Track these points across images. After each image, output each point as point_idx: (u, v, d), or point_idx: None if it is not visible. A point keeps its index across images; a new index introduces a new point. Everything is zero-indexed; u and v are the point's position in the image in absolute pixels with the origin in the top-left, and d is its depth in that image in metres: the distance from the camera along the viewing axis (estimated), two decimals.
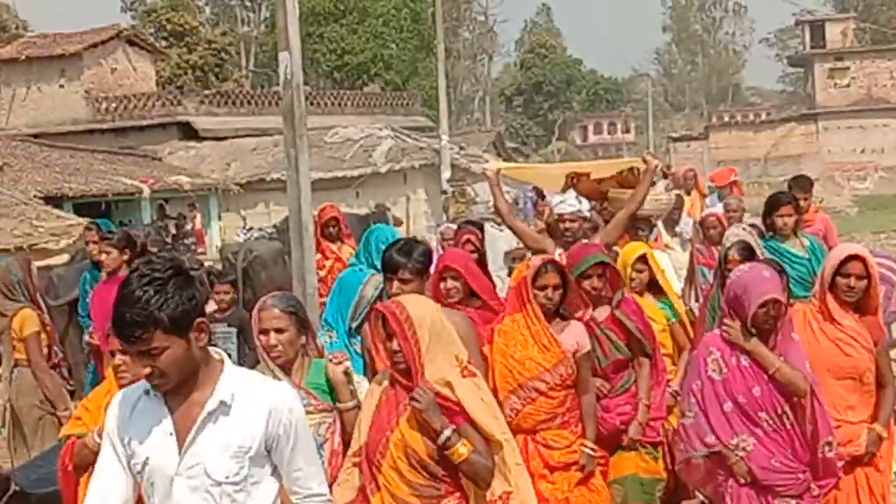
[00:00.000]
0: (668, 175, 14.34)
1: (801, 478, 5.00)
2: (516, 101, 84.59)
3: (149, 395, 3.34)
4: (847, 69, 54.62)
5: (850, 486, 5.38)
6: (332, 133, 30.67)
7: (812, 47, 57.33)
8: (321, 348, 5.27)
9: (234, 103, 35.13)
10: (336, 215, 10.47)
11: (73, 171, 27.04)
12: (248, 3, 65.57)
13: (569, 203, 7.29)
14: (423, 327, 4.04)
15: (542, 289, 5.52)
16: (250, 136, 32.35)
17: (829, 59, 55.27)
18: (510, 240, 11.17)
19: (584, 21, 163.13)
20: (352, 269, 7.39)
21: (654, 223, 9.19)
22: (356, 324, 6.44)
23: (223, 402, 3.29)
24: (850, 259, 5.39)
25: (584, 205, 7.40)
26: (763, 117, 62.19)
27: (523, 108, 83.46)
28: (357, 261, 7.37)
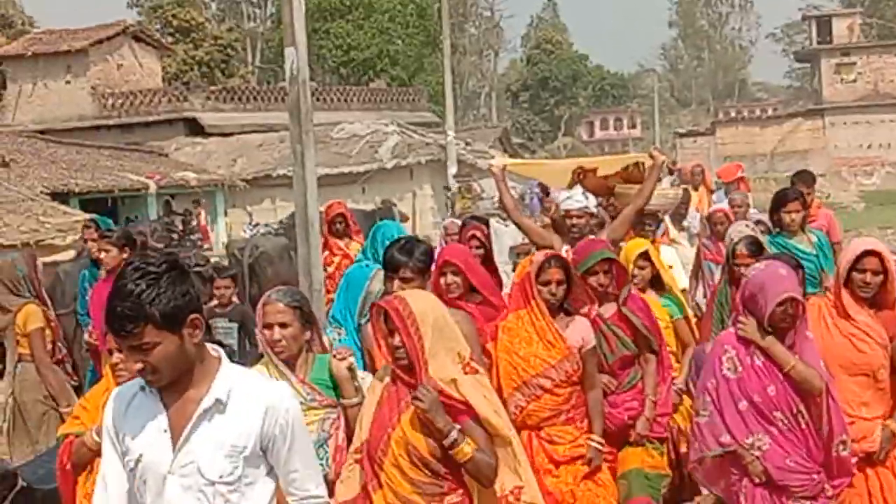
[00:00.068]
0: (673, 171, 14.36)
1: (815, 478, 4.96)
2: (522, 97, 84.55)
3: (145, 392, 3.28)
4: (854, 64, 54.60)
5: (862, 487, 5.32)
6: (338, 129, 30.63)
7: (819, 42, 57.33)
8: (330, 344, 5.26)
9: (240, 99, 35.10)
10: (343, 212, 10.48)
11: (79, 168, 27.01)
12: (254, 0, 65.59)
13: (575, 199, 7.24)
14: (426, 323, 3.98)
15: (545, 284, 5.48)
16: (256, 133, 32.25)
17: (835, 54, 55.28)
18: (515, 235, 11.13)
19: (590, 16, 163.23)
20: (358, 264, 7.40)
21: (661, 218, 9.18)
22: (365, 319, 6.40)
23: (219, 400, 3.23)
24: (866, 254, 5.32)
25: (591, 201, 7.35)
26: (769, 113, 62.26)
27: (529, 103, 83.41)
28: (363, 257, 7.38)
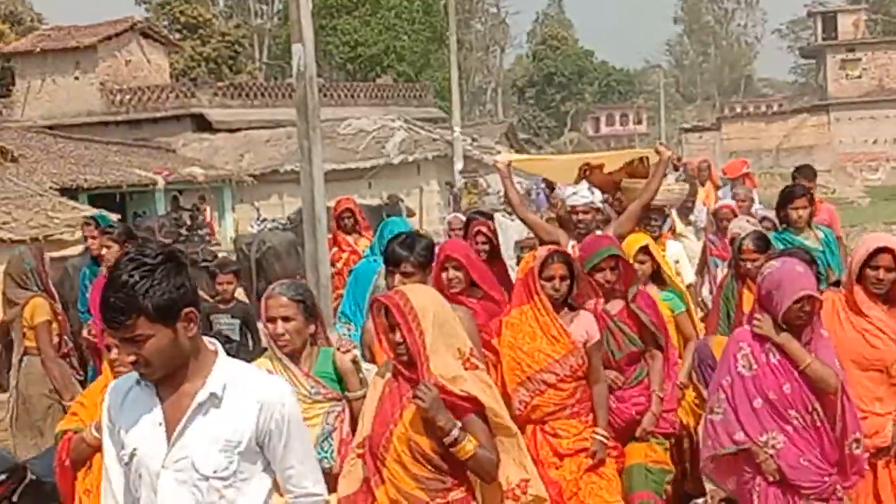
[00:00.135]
0: (678, 167, 14.35)
1: (827, 480, 4.92)
2: (528, 93, 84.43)
3: (140, 385, 3.25)
4: (859, 60, 54.48)
5: (872, 481, 5.29)
6: (344, 124, 30.63)
7: (824, 38, 57.20)
8: (339, 339, 5.28)
9: (247, 95, 35.05)
10: (351, 207, 10.44)
11: (87, 163, 27.01)
12: None
13: (581, 195, 7.21)
14: (427, 319, 3.95)
15: (549, 279, 5.48)
16: (264, 128, 32.24)
17: (840, 50, 55.14)
18: (521, 229, 11.12)
19: (596, 12, 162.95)
20: (366, 260, 7.46)
21: (667, 213, 9.17)
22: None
23: (213, 395, 3.19)
24: (879, 251, 5.28)
25: (597, 196, 7.32)
26: (775, 108, 62.01)
27: (535, 99, 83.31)
28: (371, 252, 7.43)
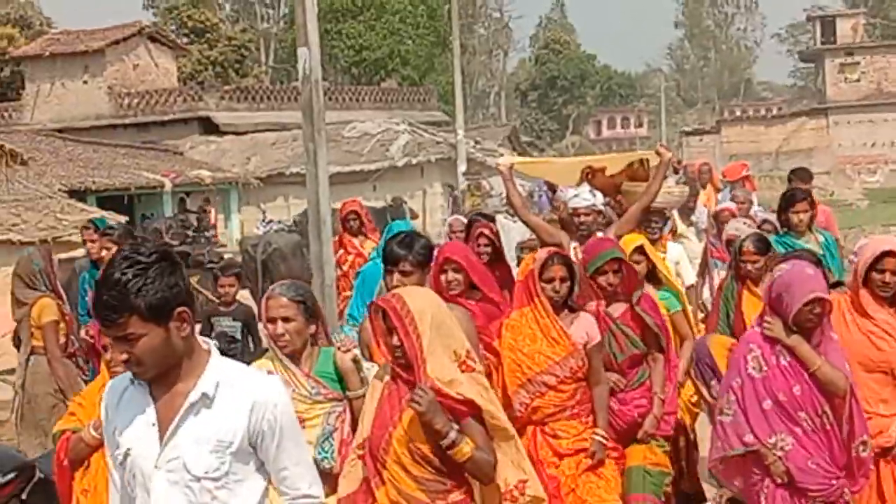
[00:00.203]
0: (678, 169, 14.43)
1: (835, 483, 4.91)
2: (531, 96, 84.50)
3: (134, 385, 3.22)
4: (857, 64, 54.57)
5: (875, 482, 5.27)
6: (349, 128, 30.74)
7: (823, 42, 57.27)
8: (338, 335, 5.33)
9: (253, 99, 35.18)
10: (357, 209, 10.53)
11: (96, 166, 27.13)
12: (268, 0, 65.62)
13: (583, 197, 7.21)
14: (424, 322, 3.94)
15: (549, 281, 5.47)
16: (270, 131, 32.30)
17: (839, 54, 55.22)
18: (523, 231, 11.12)
19: (598, 17, 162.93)
20: (373, 261, 7.59)
21: (667, 216, 9.21)
22: None
23: (205, 394, 3.15)
24: (885, 255, 5.27)
25: (598, 198, 7.34)
26: (774, 112, 62.04)
27: (538, 102, 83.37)
28: (377, 254, 7.54)
